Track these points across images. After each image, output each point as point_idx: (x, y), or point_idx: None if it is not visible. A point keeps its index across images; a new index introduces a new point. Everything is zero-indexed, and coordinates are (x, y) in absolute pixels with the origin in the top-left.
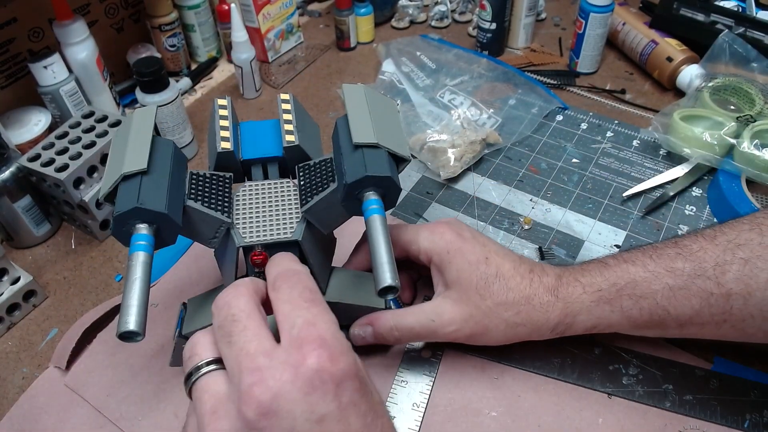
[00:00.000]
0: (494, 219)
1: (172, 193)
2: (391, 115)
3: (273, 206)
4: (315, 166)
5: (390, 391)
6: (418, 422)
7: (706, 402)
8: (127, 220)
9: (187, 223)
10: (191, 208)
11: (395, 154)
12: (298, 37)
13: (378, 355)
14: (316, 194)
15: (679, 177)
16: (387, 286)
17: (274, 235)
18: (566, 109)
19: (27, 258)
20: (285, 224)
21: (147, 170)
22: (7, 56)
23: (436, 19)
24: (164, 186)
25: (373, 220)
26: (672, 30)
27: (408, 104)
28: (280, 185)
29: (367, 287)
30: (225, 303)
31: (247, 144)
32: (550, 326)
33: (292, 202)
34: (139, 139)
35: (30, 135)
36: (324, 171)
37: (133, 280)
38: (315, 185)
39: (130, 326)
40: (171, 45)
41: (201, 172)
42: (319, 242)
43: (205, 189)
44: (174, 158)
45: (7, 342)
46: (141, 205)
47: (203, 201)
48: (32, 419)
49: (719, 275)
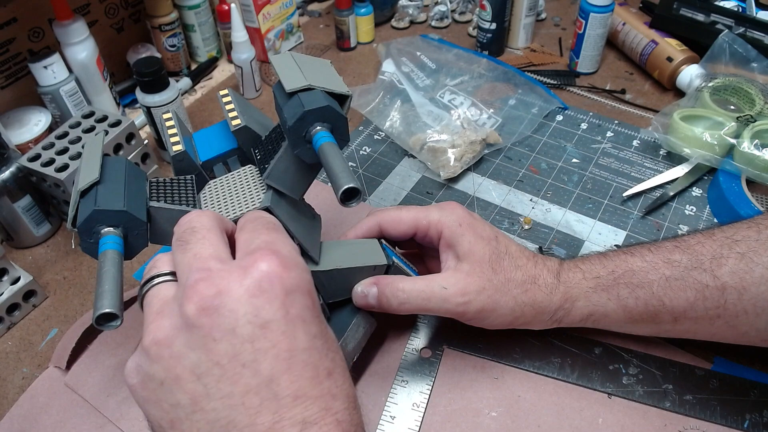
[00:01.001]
0: (494, 219)
1: (130, 195)
2: (323, 66)
3: (239, 190)
4: (266, 139)
5: (390, 391)
6: (418, 422)
7: (706, 402)
8: (91, 228)
9: (155, 228)
10: (155, 208)
11: (331, 91)
12: (298, 37)
13: (378, 354)
14: (272, 158)
15: (679, 177)
16: (348, 188)
17: (243, 210)
18: (566, 109)
19: (27, 258)
20: (253, 199)
21: (100, 179)
22: (7, 56)
23: (436, 19)
24: (120, 190)
25: (323, 147)
26: (672, 30)
27: (408, 104)
28: (243, 172)
29: (364, 251)
30: (187, 220)
31: (203, 147)
32: (551, 310)
33: (257, 182)
34: (89, 160)
35: (30, 135)
36: (275, 138)
37: (105, 271)
38: (270, 152)
39: (105, 308)
40: (171, 45)
41: (161, 178)
42: (296, 210)
43: (167, 191)
44: (128, 170)
45: (7, 342)
46: (98, 207)
47: (166, 200)
48: (32, 419)
49: (715, 268)
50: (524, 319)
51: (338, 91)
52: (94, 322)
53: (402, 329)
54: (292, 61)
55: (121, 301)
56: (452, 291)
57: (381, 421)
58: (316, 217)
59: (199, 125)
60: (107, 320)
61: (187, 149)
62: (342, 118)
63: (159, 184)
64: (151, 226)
